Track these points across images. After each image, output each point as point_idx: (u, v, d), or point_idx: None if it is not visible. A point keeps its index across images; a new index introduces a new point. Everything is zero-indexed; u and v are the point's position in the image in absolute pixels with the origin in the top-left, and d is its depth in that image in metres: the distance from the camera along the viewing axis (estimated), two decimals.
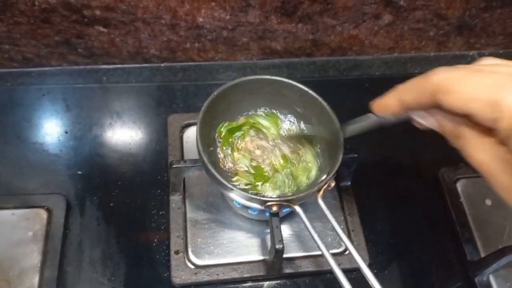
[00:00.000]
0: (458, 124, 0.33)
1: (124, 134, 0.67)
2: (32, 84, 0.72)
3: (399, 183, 0.65)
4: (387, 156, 0.67)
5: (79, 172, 0.62)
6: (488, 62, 0.33)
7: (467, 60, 0.83)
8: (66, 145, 0.65)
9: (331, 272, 0.45)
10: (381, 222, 0.62)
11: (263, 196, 0.50)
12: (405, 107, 0.35)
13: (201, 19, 0.69)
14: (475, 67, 0.32)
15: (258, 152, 0.57)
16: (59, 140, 0.65)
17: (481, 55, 0.83)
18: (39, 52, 0.71)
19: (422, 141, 0.60)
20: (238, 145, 0.57)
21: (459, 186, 0.64)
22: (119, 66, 0.75)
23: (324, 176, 0.50)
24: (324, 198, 0.50)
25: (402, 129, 0.43)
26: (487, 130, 0.30)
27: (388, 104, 0.37)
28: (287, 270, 0.56)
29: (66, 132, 0.66)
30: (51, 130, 0.66)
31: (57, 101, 0.69)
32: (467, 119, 0.31)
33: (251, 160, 0.56)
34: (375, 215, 0.63)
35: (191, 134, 0.66)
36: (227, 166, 0.56)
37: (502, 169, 0.29)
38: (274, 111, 0.60)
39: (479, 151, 0.31)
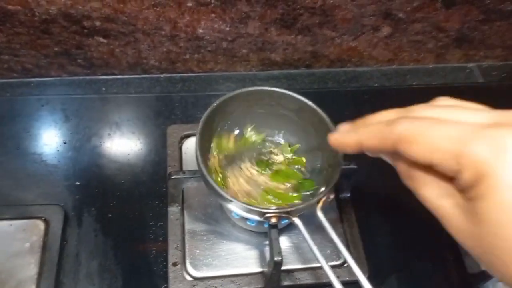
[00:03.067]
0: (414, 166, 0.32)
1: (123, 145, 0.67)
2: (32, 95, 0.72)
3: (398, 195, 0.65)
4: (386, 167, 0.66)
5: (77, 183, 0.62)
6: (445, 103, 0.34)
7: (466, 72, 0.83)
8: (65, 155, 0.64)
9: (330, 284, 0.44)
10: (380, 234, 0.62)
11: (262, 208, 0.50)
12: (364, 149, 0.35)
13: (201, 31, 0.69)
14: (437, 114, 0.31)
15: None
16: (58, 150, 0.65)
17: (480, 68, 0.84)
18: (38, 63, 0.71)
19: None
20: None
21: None
22: (118, 76, 0.76)
23: (323, 188, 0.50)
24: (323, 210, 0.50)
25: None
26: (445, 177, 0.30)
27: (347, 144, 0.37)
28: (286, 283, 0.55)
29: (65, 143, 0.66)
30: (49, 140, 0.66)
31: (56, 112, 0.69)
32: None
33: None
34: (374, 227, 0.62)
35: (190, 144, 0.65)
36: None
37: (459, 215, 0.29)
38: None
39: (435, 195, 0.31)
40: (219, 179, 0.56)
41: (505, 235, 0.26)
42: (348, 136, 0.36)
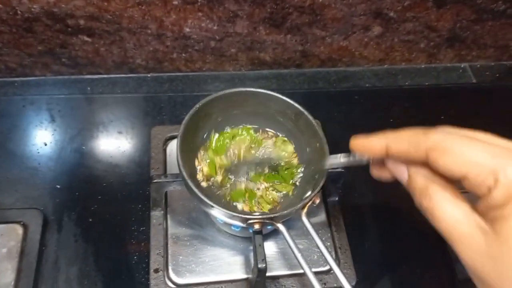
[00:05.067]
0: (432, 182, 0.32)
1: (106, 147, 0.65)
2: (15, 95, 0.71)
3: (388, 199, 0.64)
4: None
5: (58, 186, 0.60)
6: (449, 130, 0.32)
7: (458, 72, 0.82)
8: (46, 157, 0.63)
9: None
10: (369, 239, 0.60)
11: (244, 214, 0.48)
12: (390, 154, 0.34)
13: (188, 29, 0.68)
14: (470, 135, 0.31)
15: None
16: (38, 152, 0.63)
17: (473, 67, 0.82)
18: (22, 62, 0.70)
19: None
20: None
21: None
22: (104, 76, 0.74)
23: (309, 193, 0.49)
24: (309, 214, 0.48)
25: None
26: (460, 196, 0.31)
27: (372, 146, 0.35)
28: None
29: (46, 144, 0.64)
30: (31, 141, 0.64)
31: (41, 112, 0.68)
32: (446, 180, 0.31)
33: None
34: (363, 232, 0.61)
35: (175, 147, 0.64)
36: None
37: (478, 236, 0.29)
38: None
39: (454, 215, 0.30)
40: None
41: None
42: (375, 138, 0.35)
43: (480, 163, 0.29)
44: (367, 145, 0.36)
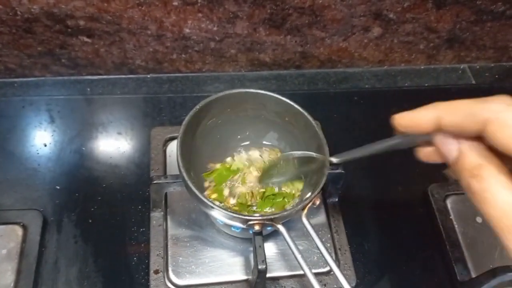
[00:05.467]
0: (487, 162, 0.28)
1: (106, 148, 0.65)
2: (15, 95, 0.71)
3: (387, 200, 0.64)
4: (375, 172, 0.65)
5: (57, 187, 0.60)
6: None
7: (458, 73, 0.82)
8: (45, 158, 0.63)
9: None
10: (369, 240, 0.60)
11: (245, 215, 0.48)
12: (442, 128, 0.30)
13: (187, 30, 0.68)
14: None
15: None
16: (38, 153, 0.63)
17: (472, 69, 0.83)
18: (22, 63, 0.70)
19: (411, 157, 0.58)
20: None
21: (449, 203, 0.62)
22: (104, 77, 0.74)
23: (309, 194, 0.49)
24: (309, 215, 0.48)
25: None
26: None
27: (421, 120, 0.31)
28: None
29: (45, 145, 0.64)
30: (30, 142, 0.64)
31: (40, 113, 0.68)
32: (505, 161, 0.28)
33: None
34: (363, 233, 0.61)
35: (174, 147, 0.64)
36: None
37: None
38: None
39: (506, 200, 0.27)
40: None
41: None
42: (424, 111, 0.31)
43: None
44: (415, 120, 0.31)
